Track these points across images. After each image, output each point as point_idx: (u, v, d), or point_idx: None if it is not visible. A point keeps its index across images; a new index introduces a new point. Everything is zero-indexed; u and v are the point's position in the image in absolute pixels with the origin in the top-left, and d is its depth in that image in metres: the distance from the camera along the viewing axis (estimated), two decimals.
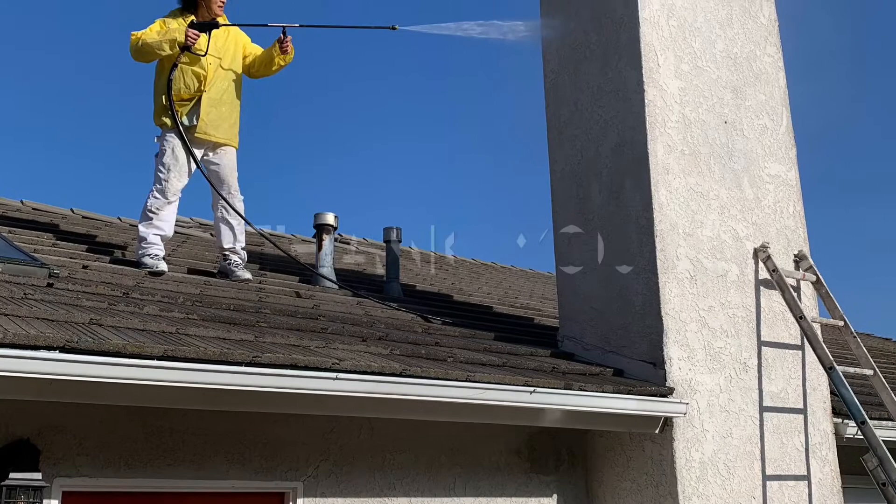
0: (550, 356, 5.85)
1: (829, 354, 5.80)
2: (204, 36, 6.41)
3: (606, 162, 6.11)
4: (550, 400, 4.87)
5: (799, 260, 6.41)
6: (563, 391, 4.92)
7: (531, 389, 4.77)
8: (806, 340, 6.04)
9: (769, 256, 6.13)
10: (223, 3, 6.57)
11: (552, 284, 8.33)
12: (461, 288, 9.33)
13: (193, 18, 6.47)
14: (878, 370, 6.11)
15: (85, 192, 24.59)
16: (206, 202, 6.63)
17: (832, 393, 6.16)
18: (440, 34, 6.86)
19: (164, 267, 6.09)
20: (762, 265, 6.15)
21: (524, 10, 7.05)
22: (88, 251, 6.43)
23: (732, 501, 5.52)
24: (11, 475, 3.75)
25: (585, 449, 5.81)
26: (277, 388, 4.04)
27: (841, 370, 5.73)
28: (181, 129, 6.30)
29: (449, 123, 27.90)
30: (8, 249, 5.38)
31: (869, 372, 6.09)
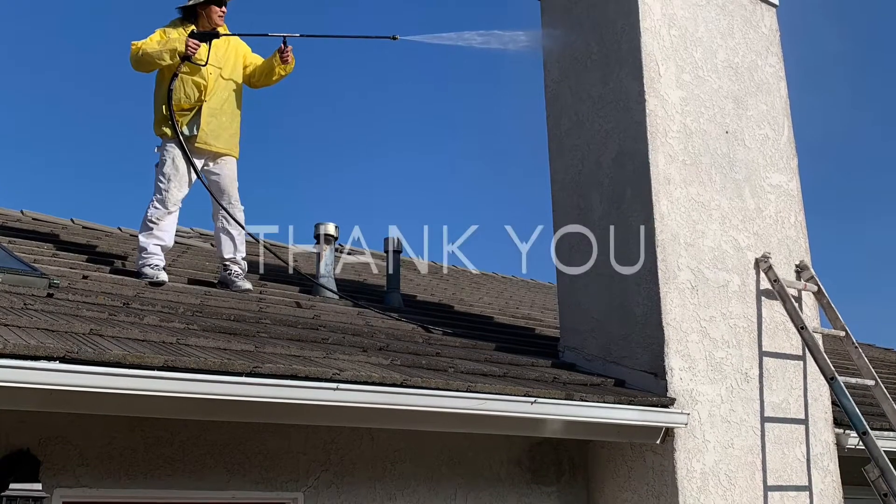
0: (551, 367, 5.84)
1: (830, 365, 5.79)
2: (204, 46, 6.41)
3: (607, 172, 6.11)
4: (551, 410, 4.86)
5: (800, 270, 6.41)
6: (564, 402, 4.91)
7: (532, 400, 4.76)
8: (807, 351, 6.04)
9: (770, 266, 6.13)
10: (223, 13, 6.58)
11: (553, 295, 8.33)
12: (462, 298, 9.32)
13: (194, 28, 6.47)
14: (879, 380, 6.10)
15: (85, 202, 24.59)
16: (206, 212, 6.64)
17: (834, 403, 6.15)
18: (441, 44, 6.87)
19: (164, 277, 6.08)
20: (763, 275, 6.15)
21: (525, 19, 7.06)
22: (89, 261, 6.43)
23: None
24: (12, 486, 3.75)
25: (587, 459, 5.80)
26: (278, 398, 4.03)
27: (842, 380, 5.72)
28: (181, 139, 6.30)
29: (449, 133, 27.96)
30: (8, 260, 5.36)
31: (870, 382, 6.09)
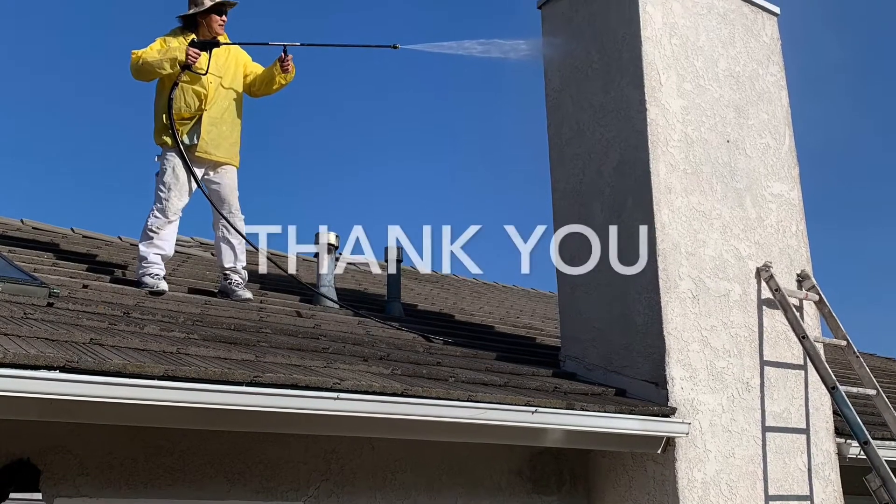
0: (552, 376, 5.83)
1: (831, 374, 5.78)
2: (205, 55, 6.41)
3: (608, 180, 6.10)
4: (552, 420, 4.85)
5: (801, 279, 6.40)
6: (564, 411, 4.90)
7: (533, 409, 4.75)
8: (808, 360, 6.02)
9: (772, 276, 6.12)
10: (224, 21, 6.58)
11: (554, 304, 8.32)
12: (463, 307, 9.31)
13: (194, 37, 6.47)
14: (880, 390, 6.09)
15: (85, 211, 24.64)
16: (206, 221, 6.64)
17: (835, 413, 6.13)
18: (441, 53, 6.87)
19: (164, 286, 6.07)
20: (765, 284, 6.14)
21: (526, 28, 7.06)
22: (89, 270, 6.42)
23: None
24: (11, 495, 3.74)
25: (588, 469, 5.78)
26: (278, 408, 4.02)
27: (844, 390, 5.71)
28: (182, 148, 6.29)
29: (450, 141, 27.98)
30: (8, 269, 5.36)
31: (872, 392, 6.08)
